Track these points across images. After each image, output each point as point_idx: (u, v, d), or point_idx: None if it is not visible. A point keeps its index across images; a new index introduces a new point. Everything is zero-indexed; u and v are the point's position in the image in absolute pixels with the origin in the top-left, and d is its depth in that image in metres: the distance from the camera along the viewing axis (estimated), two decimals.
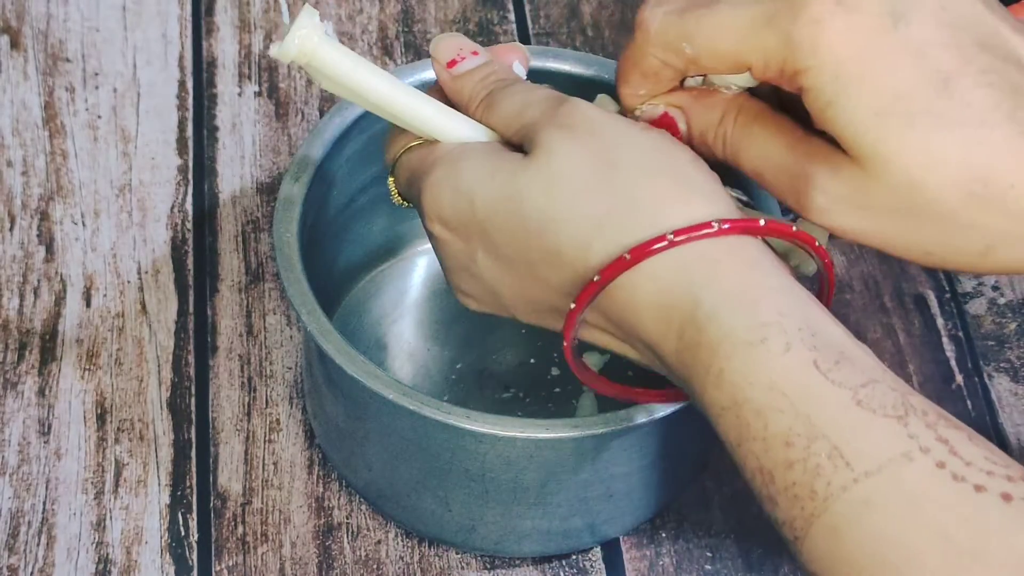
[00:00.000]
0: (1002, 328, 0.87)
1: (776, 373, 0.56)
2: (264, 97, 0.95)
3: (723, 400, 0.57)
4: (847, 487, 0.54)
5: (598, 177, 0.60)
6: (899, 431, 0.54)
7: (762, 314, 0.57)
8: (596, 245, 0.60)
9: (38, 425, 0.82)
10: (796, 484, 0.55)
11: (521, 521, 0.75)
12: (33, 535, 0.78)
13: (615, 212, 0.60)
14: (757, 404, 0.56)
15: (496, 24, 0.98)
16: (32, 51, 0.96)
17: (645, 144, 0.61)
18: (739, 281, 0.58)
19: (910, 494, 0.53)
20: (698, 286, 0.58)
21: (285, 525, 0.79)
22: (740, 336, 0.57)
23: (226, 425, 0.82)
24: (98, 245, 0.88)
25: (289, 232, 0.73)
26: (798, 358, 0.56)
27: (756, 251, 0.59)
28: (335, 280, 0.83)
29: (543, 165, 0.61)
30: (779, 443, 0.55)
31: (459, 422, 0.69)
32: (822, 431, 0.54)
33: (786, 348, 0.56)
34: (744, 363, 0.56)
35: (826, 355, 0.56)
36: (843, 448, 0.54)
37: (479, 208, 0.62)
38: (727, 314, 0.57)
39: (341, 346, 0.70)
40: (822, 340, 0.57)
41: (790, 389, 0.56)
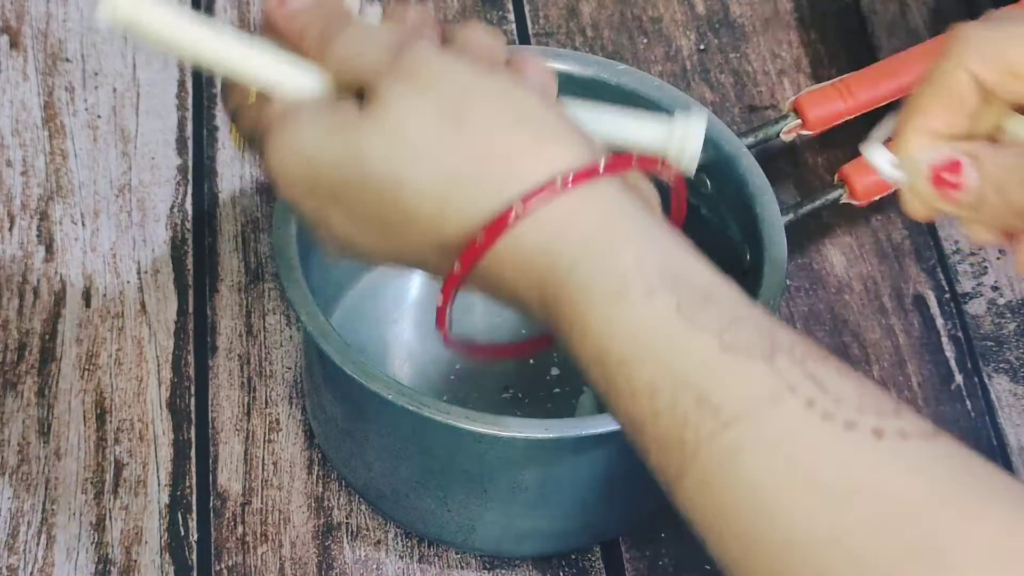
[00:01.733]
0: (1001, 328, 0.87)
1: (638, 322, 0.54)
2: None
3: (588, 354, 0.55)
4: (715, 434, 0.52)
5: (443, 133, 0.57)
6: (766, 372, 0.52)
7: (621, 262, 0.55)
8: (448, 211, 0.57)
9: (38, 425, 0.82)
10: (664, 436, 0.53)
11: (521, 521, 0.75)
12: (33, 535, 0.78)
13: (464, 173, 0.57)
14: (620, 355, 0.54)
15: (496, 24, 0.98)
16: (32, 51, 0.96)
17: (492, 91, 0.58)
18: (595, 229, 0.56)
19: (778, 436, 0.51)
20: (555, 240, 0.56)
21: (285, 525, 0.79)
22: (600, 287, 0.55)
23: (226, 425, 0.82)
24: (98, 245, 0.88)
25: (288, 233, 0.73)
26: (661, 304, 0.54)
27: (612, 194, 0.57)
28: (334, 281, 0.83)
29: (382, 120, 0.58)
30: (644, 394, 0.53)
31: (459, 422, 0.69)
32: (687, 379, 0.53)
33: (648, 295, 0.54)
34: (606, 315, 0.55)
35: (689, 297, 0.54)
36: (709, 395, 0.52)
37: (322, 171, 0.59)
38: (585, 265, 0.55)
39: (340, 347, 0.70)
40: (685, 281, 0.55)
41: (653, 338, 0.54)
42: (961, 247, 0.90)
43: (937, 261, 0.89)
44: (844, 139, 0.91)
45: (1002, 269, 0.89)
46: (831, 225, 0.90)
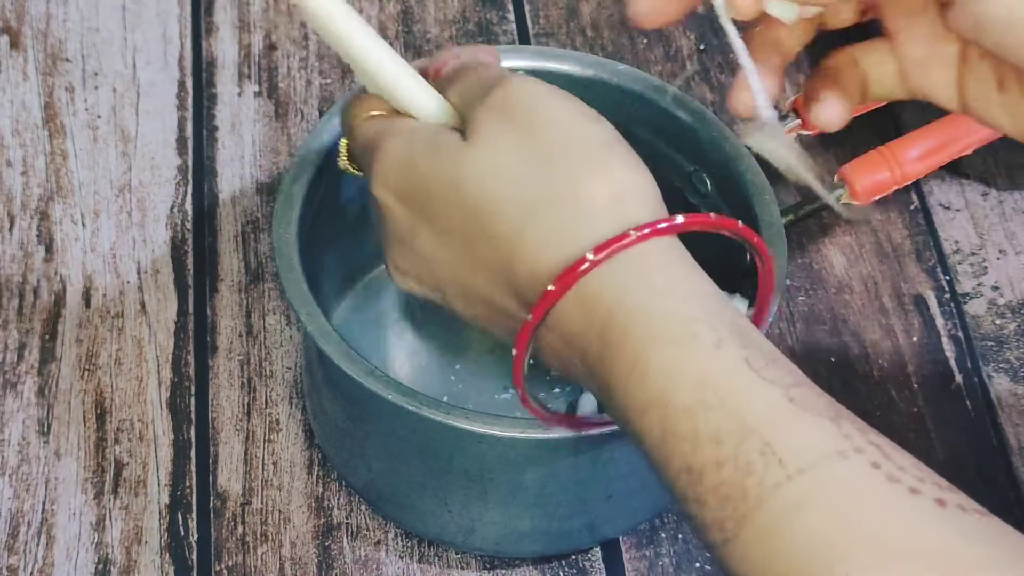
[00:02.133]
0: (1001, 328, 0.87)
1: (706, 368, 0.54)
2: (264, 97, 0.95)
3: (646, 397, 0.55)
4: (780, 485, 0.52)
5: (527, 168, 0.60)
6: (832, 430, 0.53)
7: (691, 310, 0.56)
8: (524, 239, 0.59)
9: (38, 425, 0.82)
10: (726, 483, 0.53)
11: (521, 521, 0.75)
12: (33, 535, 0.78)
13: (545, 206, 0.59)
14: (685, 401, 0.54)
15: (496, 24, 0.98)
16: (32, 51, 0.96)
17: (580, 134, 0.60)
18: (666, 280, 0.57)
19: (845, 492, 0.51)
20: (624, 285, 0.57)
21: (285, 525, 0.79)
22: (668, 331, 0.55)
23: (226, 425, 0.82)
24: (98, 245, 0.88)
25: (288, 233, 0.73)
26: (729, 354, 0.55)
27: (681, 253, 0.58)
28: (335, 280, 0.83)
29: (475, 150, 0.61)
30: (708, 441, 0.53)
31: (458, 423, 0.69)
32: (754, 428, 0.53)
33: (717, 344, 0.55)
34: (672, 358, 0.55)
35: (757, 354, 0.55)
36: (776, 445, 0.52)
37: (425, 184, 0.62)
38: (654, 311, 0.56)
39: (340, 347, 0.70)
40: (751, 339, 0.56)
41: (721, 385, 0.54)
42: (961, 247, 0.90)
43: (937, 261, 0.89)
44: (844, 139, 0.91)
45: (1002, 269, 0.89)
46: (831, 225, 0.90)
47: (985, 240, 0.90)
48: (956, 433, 0.83)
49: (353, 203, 0.82)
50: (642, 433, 0.56)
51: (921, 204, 0.92)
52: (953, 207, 0.92)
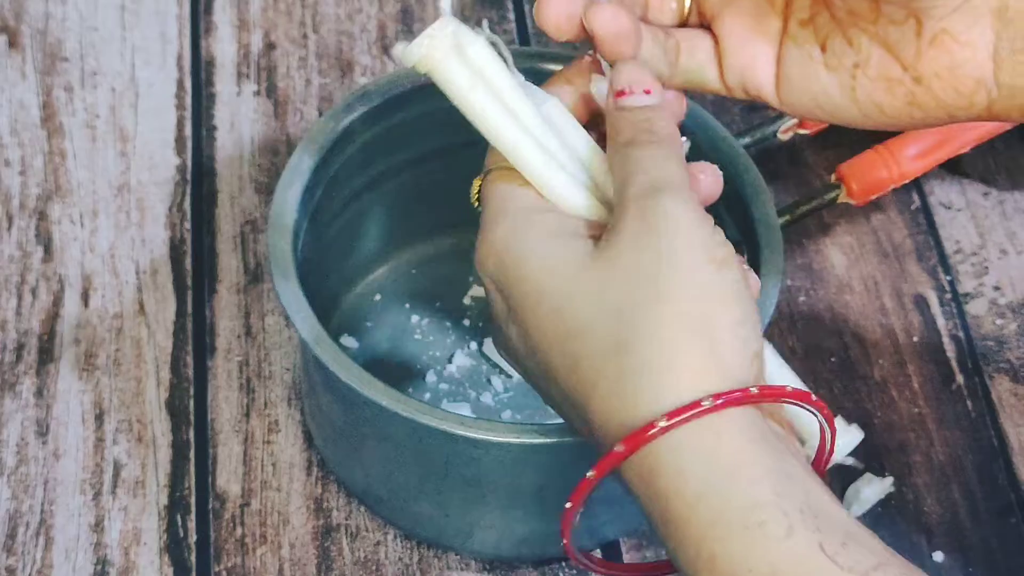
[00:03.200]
0: (1002, 329, 0.87)
1: (778, 559, 0.52)
2: (263, 96, 0.94)
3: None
4: None
5: (647, 302, 0.57)
6: None
7: (758, 494, 0.53)
8: (610, 369, 0.57)
9: (36, 426, 0.81)
10: None
11: (519, 525, 0.75)
12: (31, 536, 0.78)
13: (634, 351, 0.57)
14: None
15: (496, 24, 0.98)
16: (30, 50, 0.96)
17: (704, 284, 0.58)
18: (734, 458, 0.55)
19: None
20: (690, 460, 0.55)
21: (284, 526, 0.79)
22: (734, 518, 0.53)
23: (225, 426, 0.82)
24: (96, 245, 0.88)
25: (284, 239, 0.73)
26: (802, 542, 0.53)
27: (753, 425, 0.56)
28: (331, 285, 0.83)
29: (606, 263, 0.58)
30: None
31: (454, 428, 0.69)
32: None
33: (788, 532, 0.53)
34: (741, 548, 0.53)
35: (831, 537, 0.53)
36: None
37: (523, 286, 0.59)
38: (719, 492, 0.54)
39: (336, 354, 0.70)
40: (825, 522, 0.53)
41: (793, 574, 0.52)
42: (962, 247, 0.90)
43: (938, 261, 0.89)
44: (842, 138, 0.91)
45: (1003, 269, 0.89)
46: (831, 225, 0.90)
47: (986, 240, 0.90)
48: (956, 433, 0.83)
49: (349, 207, 0.82)
50: None
51: (922, 204, 0.92)
52: (954, 207, 0.92)
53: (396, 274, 0.86)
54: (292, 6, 0.98)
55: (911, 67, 0.64)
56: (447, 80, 0.62)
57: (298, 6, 0.98)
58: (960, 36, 0.63)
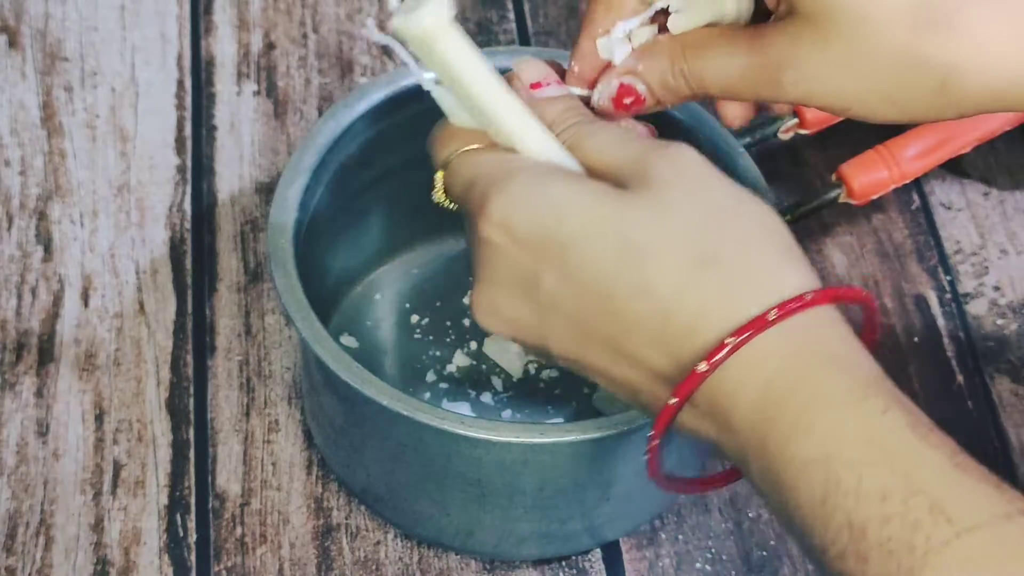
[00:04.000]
0: (1003, 329, 0.87)
1: (874, 429, 0.55)
2: (263, 96, 0.94)
3: (811, 452, 0.56)
4: (948, 541, 0.53)
5: (706, 225, 0.59)
6: (997, 495, 0.54)
7: (862, 377, 0.57)
8: (691, 291, 0.59)
9: (36, 426, 0.81)
10: (892, 539, 0.53)
11: (519, 525, 0.75)
12: (31, 536, 0.78)
13: (718, 267, 0.59)
14: (852, 457, 0.55)
15: (495, 24, 0.98)
16: (30, 50, 0.96)
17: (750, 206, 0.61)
18: (837, 347, 0.58)
19: (1013, 550, 0.52)
20: (797, 344, 0.58)
21: (284, 526, 0.79)
22: (840, 393, 0.56)
23: (225, 425, 0.82)
24: (96, 245, 0.88)
25: (284, 238, 0.73)
26: (896, 420, 0.56)
27: (845, 326, 0.59)
28: (331, 284, 0.83)
29: (657, 197, 0.60)
30: (874, 497, 0.54)
31: (454, 428, 0.69)
32: (920, 487, 0.54)
33: (885, 409, 0.56)
34: (842, 417, 0.56)
35: (919, 421, 0.56)
36: (943, 504, 0.53)
37: (568, 226, 0.60)
38: (826, 372, 0.57)
39: (336, 352, 0.70)
40: (913, 410, 0.57)
41: (887, 445, 0.55)
42: (963, 247, 0.90)
43: (938, 261, 0.89)
44: (842, 138, 0.91)
45: (1003, 269, 0.89)
46: (832, 225, 0.90)
47: (986, 240, 0.90)
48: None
49: (350, 206, 0.82)
50: (799, 491, 0.56)
51: (922, 204, 0.92)
52: (954, 207, 0.92)
53: (396, 274, 0.86)
54: (292, 6, 0.98)
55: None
56: (453, 47, 0.62)
57: (298, 6, 0.98)
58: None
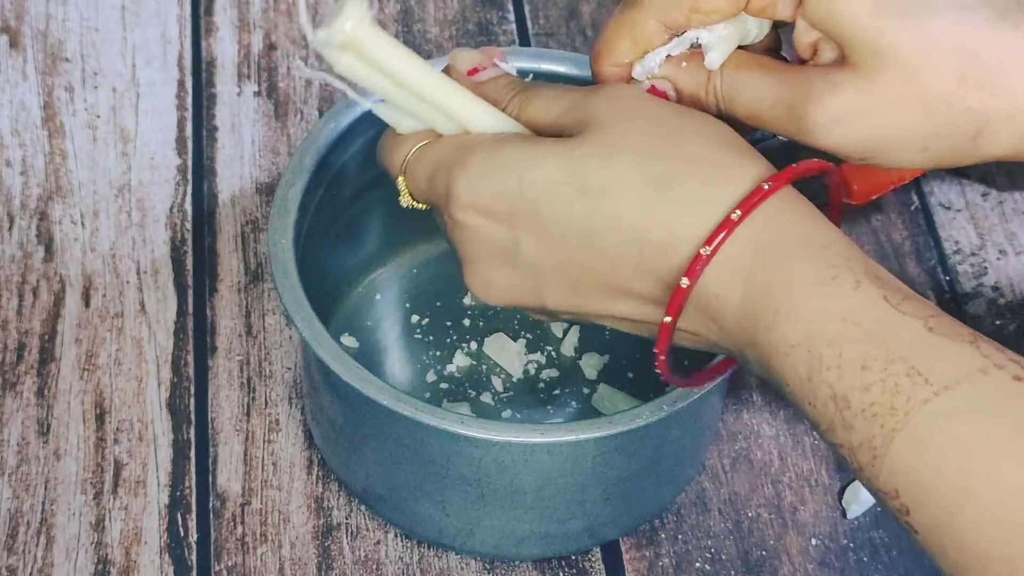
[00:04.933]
0: (1002, 329, 0.87)
1: (849, 306, 0.58)
2: (263, 97, 0.95)
3: (794, 336, 0.59)
4: (928, 400, 0.55)
5: (653, 144, 0.62)
6: (973, 351, 0.56)
7: (831, 257, 0.59)
8: (658, 211, 0.61)
9: (37, 425, 0.82)
10: (875, 404, 0.56)
11: (519, 524, 0.75)
12: (32, 535, 0.78)
13: (679, 177, 0.61)
14: (831, 335, 0.58)
15: (495, 24, 0.98)
16: (31, 51, 0.96)
17: (694, 118, 0.63)
18: (803, 229, 0.60)
19: (991, 402, 0.55)
20: (764, 237, 0.60)
21: (284, 525, 0.79)
22: (812, 276, 0.59)
23: (225, 425, 0.82)
24: (97, 245, 0.88)
25: (284, 238, 0.73)
26: (868, 293, 0.58)
27: (808, 206, 0.62)
28: (332, 284, 0.83)
29: (601, 136, 0.62)
30: (855, 368, 0.57)
31: (454, 427, 0.69)
32: (898, 353, 0.56)
33: (856, 285, 0.59)
34: (817, 299, 0.59)
35: (892, 293, 0.59)
36: (920, 366, 0.56)
37: (529, 185, 0.63)
38: (796, 258, 0.60)
39: (336, 353, 0.70)
40: (886, 281, 0.59)
41: (864, 319, 0.58)
42: (962, 247, 0.90)
43: (937, 261, 0.89)
44: None
45: (1002, 270, 0.89)
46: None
47: (985, 240, 0.90)
48: None
49: (351, 206, 0.82)
50: (787, 374, 0.59)
51: (921, 204, 0.92)
52: (953, 207, 0.92)
53: (396, 274, 0.86)
54: (292, 7, 0.98)
55: None
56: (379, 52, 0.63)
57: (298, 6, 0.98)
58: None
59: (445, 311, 0.85)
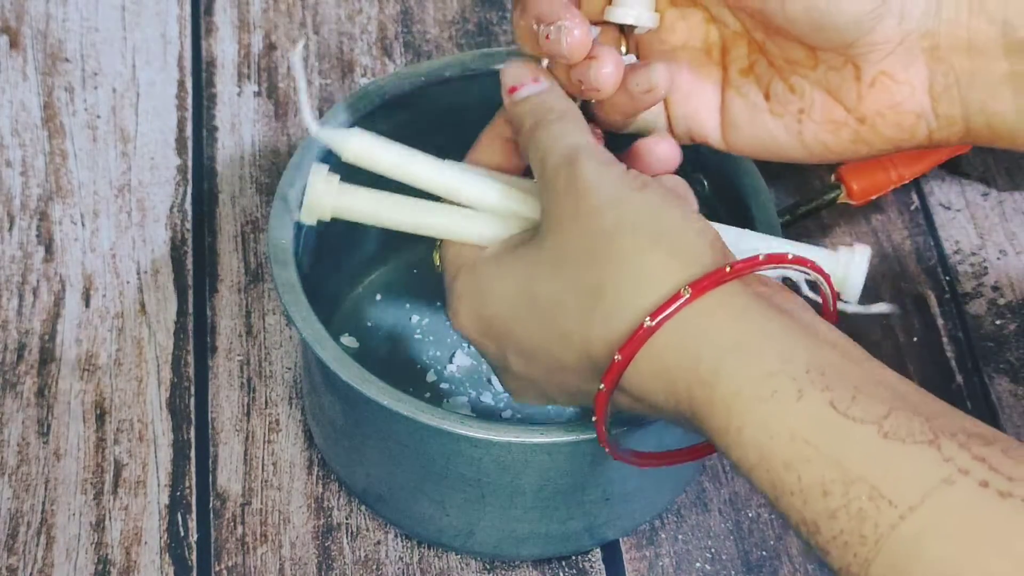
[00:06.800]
0: (1002, 329, 0.87)
1: (795, 422, 0.55)
2: (263, 97, 0.95)
3: (749, 459, 0.57)
4: (895, 525, 0.53)
5: (593, 250, 0.61)
6: (933, 456, 0.53)
7: (766, 364, 0.57)
8: (594, 327, 0.61)
9: (37, 425, 0.82)
10: (843, 532, 0.54)
11: (519, 524, 0.75)
12: (32, 536, 0.78)
13: (607, 288, 0.60)
14: (784, 457, 0.55)
15: (495, 24, 0.98)
16: (31, 51, 0.96)
17: (640, 209, 0.62)
18: (735, 333, 0.58)
19: (961, 519, 0.52)
20: (696, 346, 0.58)
21: (284, 525, 0.79)
22: (749, 391, 0.57)
23: (225, 425, 0.82)
24: (97, 245, 0.88)
25: (284, 239, 0.73)
26: (813, 402, 0.56)
27: (745, 298, 0.59)
28: (332, 284, 0.83)
29: (549, 248, 0.62)
30: (816, 493, 0.55)
31: (454, 427, 0.69)
32: (856, 473, 0.54)
33: (798, 395, 0.56)
34: (761, 418, 0.56)
35: (840, 393, 0.56)
36: (882, 486, 0.53)
37: (498, 311, 0.64)
38: (731, 370, 0.57)
39: (336, 353, 0.70)
40: (833, 378, 0.56)
41: (813, 436, 0.55)
42: (962, 247, 0.90)
43: (937, 261, 0.89)
44: None
45: (1002, 269, 0.89)
46: (831, 225, 0.90)
47: (985, 240, 0.90)
48: None
49: None
50: (759, 487, 0.57)
51: (921, 204, 0.92)
52: (953, 207, 0.92)
53: (396, 274, 0.86)
54: (293, 7, 0.98)
55: (854, 109, 0.67)
56: (354, 212, 0.68)
57: (298, 7, 0.98)
58: (898, 76, 0.66)
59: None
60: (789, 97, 0.68)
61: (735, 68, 0.70)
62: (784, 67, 0.68)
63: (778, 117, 0.69)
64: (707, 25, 0.70)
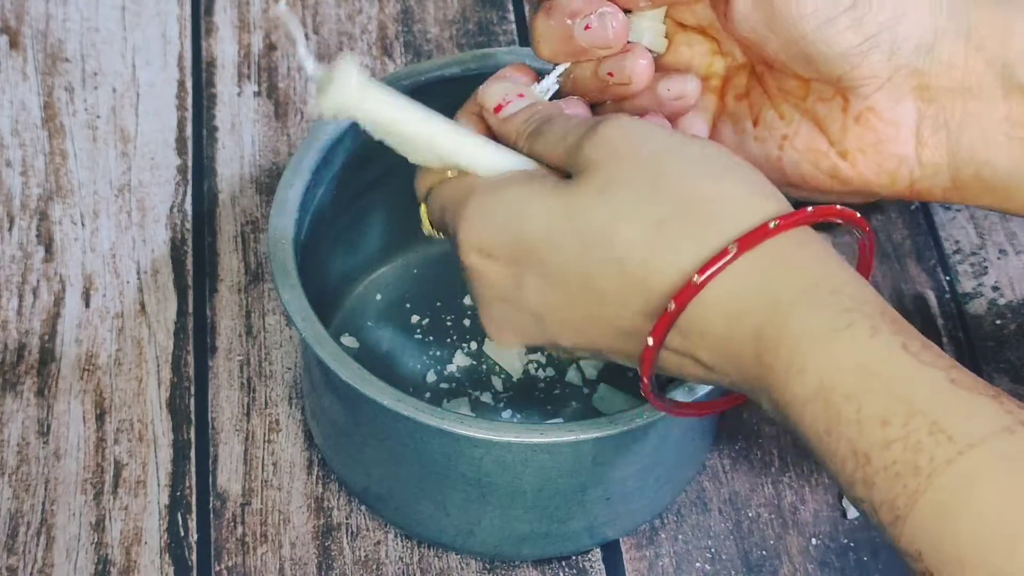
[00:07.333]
0: (1002, 329, 0.87)
1: (866, 356, 0.56)
2: (263, 97, 0.95)
3: (808, 391, 0.57)
4: (951, 460, 0.54)
5: (650, 186, 0.60)
6: (996, 407, 0.55)
7: (843, 302, 0.57)
8: (656, 257, 0.60)
9: (37, 425, 0.82)
10: (896, 462, 0.54)
11: (519, 524, 0.75)
12: (32, 536, 0.78)
13: (672, 219, 0.60)
14: (848, 388, 0.56)
15: (495, 24, 0.98)
16: (31, 51, 0.96)
17: (692, 149, 0.62)
18: (813, 274, 0.59)
19: (1016, 466, 0.53)
20: (772, 285, 0.58)
21: (284, 526, 0.79)
22: (824, 325, 0.57)
23: (225, 425, 0.82)
24: (97, 245, 0.88)
25: (284, 239, 0.74)
26: (886, 341, 0.56)
27: (820, 245, 0.60)
28: (332, 284, 0.83)
29: (595, 179, 0.61)
30: (875, 423, 0.55)
31: (454, 427, 0.69)
32: (919, 408, 0.55)
33: (873, 332, 0.57)
34: (831, 350, 0.57)
35: (911, 339, 0.57)
36: (943, 423, 0.54)
37: (530, 228, 0.62)
38: (806, 307, 0.57)
39: (336, 353, 0.70)
40: (902, 327, 0.57)
41: (882, 370, 0.56)
42: (962, 247, 0.90)
43: (938, 261, 0.89)
44: None
45: (1003, 269, 0.89)
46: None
47: (985, 240, 0.90)
48: None
49: (351, 206, 0.82)
50: (805, 426, 0.57)
51: (921, 204, 0.92)
52: (953, 207, 0.92)
53: (396, 274, 0.86)
54: (293, 7, 0.98)
55: (837, 142, 0.67)
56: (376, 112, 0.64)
57: (299, 7, 0.98)
58: (885, 113, 0.66)
59: (445, 311, 0.85)
60: (777, 123, 0.69)
61: (732, 93, 0.70)
62: (776, 95, 0.69)
63: (761, 143, 0.69)
64: (712, 57, 0.70)
